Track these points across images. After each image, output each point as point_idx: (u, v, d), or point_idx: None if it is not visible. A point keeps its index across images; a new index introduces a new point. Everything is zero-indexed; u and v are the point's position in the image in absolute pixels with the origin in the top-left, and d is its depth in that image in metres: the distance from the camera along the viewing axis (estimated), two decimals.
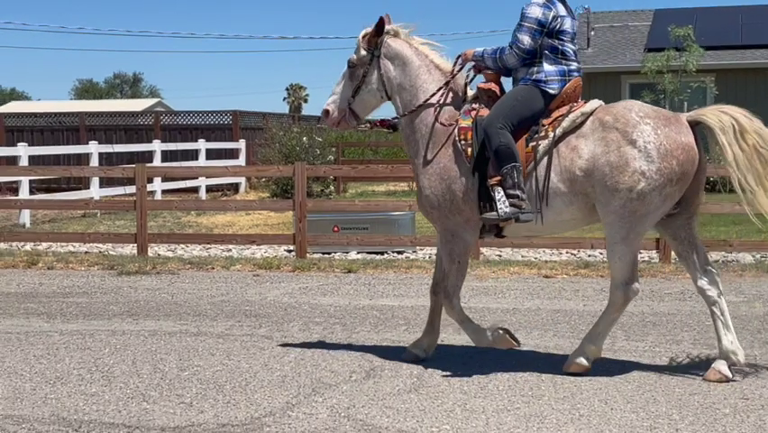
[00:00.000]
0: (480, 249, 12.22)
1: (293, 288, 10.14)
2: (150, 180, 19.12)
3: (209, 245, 13.88)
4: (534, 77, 6.24)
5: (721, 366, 5.93)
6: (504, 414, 5.30)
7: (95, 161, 21.05)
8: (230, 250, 13.65)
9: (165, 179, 21.96)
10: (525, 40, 6.19)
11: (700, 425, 5.10)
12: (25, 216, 17.53)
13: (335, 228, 13.22)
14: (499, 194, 6.02)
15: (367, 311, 8.64)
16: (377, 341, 7.27)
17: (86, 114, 28.51)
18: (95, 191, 20.02)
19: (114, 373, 6.28)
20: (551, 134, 6.09)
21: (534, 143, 6.12)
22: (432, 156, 6.40)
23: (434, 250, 12.98)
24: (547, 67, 6.24)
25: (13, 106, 54.60)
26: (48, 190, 22.10)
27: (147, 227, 12.98)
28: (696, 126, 6.04)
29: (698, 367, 6.26)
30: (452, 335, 7.48)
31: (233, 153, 25.80)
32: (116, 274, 11.24)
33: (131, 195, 15.93)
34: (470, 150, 6.22)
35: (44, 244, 14.15)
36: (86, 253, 13.35)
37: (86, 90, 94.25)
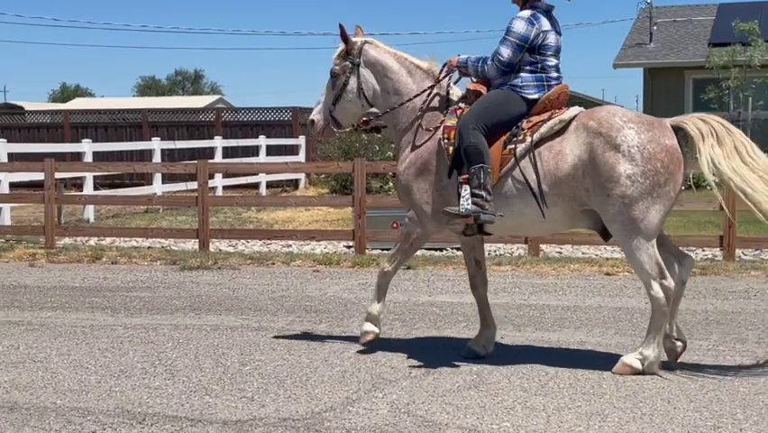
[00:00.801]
0: (540, 246, 12.15)
1: (352, 284, 10.17)
2: (211, 176, 19.34)
3: (269, 241, 13.98)
4: (511, 82, 6.43)
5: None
6: (565, 412, 5.27)
7: (157, 158, 21.34)
8: (290, 246, 13.74)
9: (226, 176, 22.17)
10: (507, 53, 6.38)
11: (765, 424, 5.03)
12: (89, 212, 17.82)
13: (394, 224, 13.22)
14: (465, 192, 6.21)
15: (426, 308, 8.64)
16: (437, 337, 7.27)
17: (149, 110, 28.87)
18: (157, 187, 20.27)
19: (177, 366, 6.36)
20: (529, 139, 6.24)
21: (513, 146, 6.27)
22: (414, 149, 6.65)
23: (493, 246, 12.94)
24: (525, 75, 6.41)
25: (77, 103, 55.47)
26: (111, 186, 22.43)
27: (208, 223, 13.12)
28: (679, 132, 6.13)
29: (762, 366, 6.17)
30: (512, 332, 7.46)
31: (292, 150, 25.95)
32: (178, 269, 11.37)
33: (192, 191, 16.10)
34: (451, 148, 6.42)
35: (108, 239, 14.38)
36: (148, 248, 13.54)
37: (149, 87, 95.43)
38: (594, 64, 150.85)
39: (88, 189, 18.42)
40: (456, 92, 6.75)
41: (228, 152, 24.15)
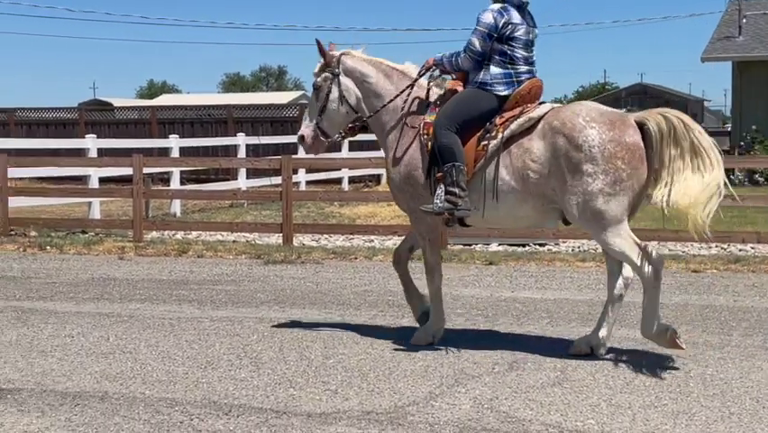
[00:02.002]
0: None
1: None
2: (295, 171, 19.51)
3: (352, 236, 14.06)
4: (480, 79, 6.65)
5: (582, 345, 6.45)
6: (651, 410, 5.20)
7: (242, 153, 21.62)
8: (372, 240, 13.79)
9: (309, 171, 22.35)
10: (477, 43, 6.60)
11: None
12: (176, 206, 18.14)
13: None
14: (440, 189, 6.48)
15: (509, 303, 8.61)
16: (519, 333, 7.23)
17: (234, 106, 29.22)
18: (242, 182, 20.54)
19: (262, 359, 6.44)
20: (500, 135, 6.44)
21: (486, 143, 6.49)
22: (400, 149, 6.89)
23: (577, 243, 12.81)
24: (494, 70, 6.62)
25: (164, 99, 56.45)
26: (197, 181, 22.78)
27: (292, 217, 13.25)
28: (644, 127, 6.24)
29: None
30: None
31: (374, 145, 26.02)
32: (263, 263, 11.51)
33: (276, 186, 16.27)
34: (430, 144, 6.65)
35: (194, 233, 14.61)
36: (233, 242, 13.72)
37: (233, 83, 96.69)
38: (681, 58, 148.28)
39: (175, 184, 18.75)
40: (436, 90, 6.95)
41: None
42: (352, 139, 26.60)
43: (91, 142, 17.45)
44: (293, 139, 23.47)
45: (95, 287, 9.77)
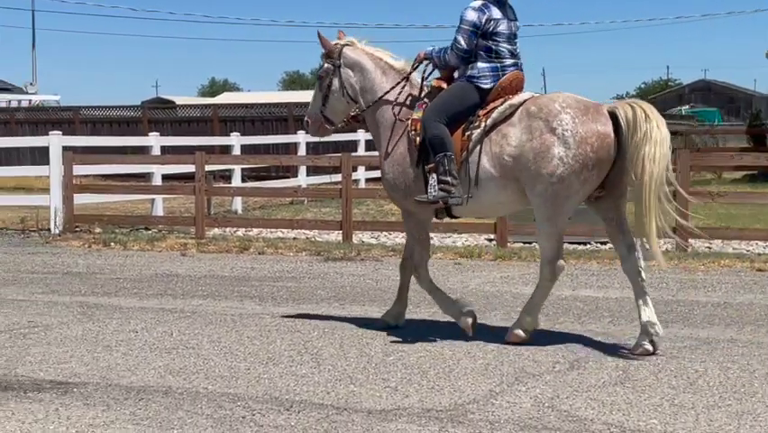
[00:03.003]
0: (689, 240, 11.84)
1: (494, 277, 10.15)
2: (354, 169, 19.55)
3: None
4: (468, 73, 6.90)
5: (645, 344, 6.37)
6: (714, 411, 5.13)
7: (302, 151, 21.74)
8: (431, 238, 13.76)
9: (369, 168, 22.37)
10: (463, 41, 6.87)
11: None
12: (237, 203, 18.32)
13: None
14: (432, 179, 6.73)
15: (570, 302, 8.55)
16: (580, 332, 7.18)
17: (294, 104, 29.39)
18: (302, 179, 20.66)
19: (323, 355, 6.48)
20: (483, 124, 6.72)
21: (470, 132, 6.77)
22: (391, 145, 7.15)
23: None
24: (480, 64, 6.87)
25: (225, 97, 56.92)
26: (258, 178, 22.95)
27: (352, 215, 13.30)
28: (615, 118, 6.47)
29: None
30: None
31: None
32: (323, 260, 11.57)
33: (336, 183, 16.35)
34: (418, 139, 6.91)
35: (255, 230, 14.74)
36: (294, 239, 13.81)
37: (293, 81, 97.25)
38: (746, 54, 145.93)
39: (236, 182, 18.92)
40: (425, 87, 7.18)
41: (371, 145, 24.35)
42: None
43: (154, 140, 17.68)
44: (353, 137, 23.68)
45: (158, 283, 9.91)
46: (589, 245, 12.62)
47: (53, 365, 6.23)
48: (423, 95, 7.12)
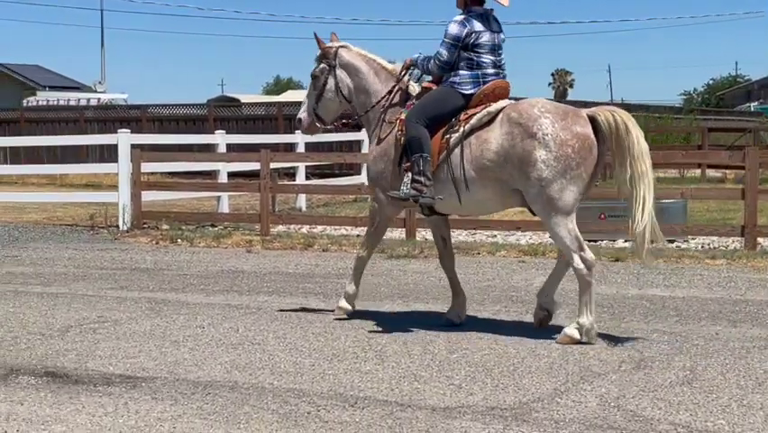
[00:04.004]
0: (758, 239, 11.65)
1: None
2: None
3: (475, 231, 14.01)
4: (451, 79, 7.20)
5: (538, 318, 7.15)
6: None
7: (365, 148, 21.77)
8: (495, 236, 13.73)
9: None
10: (444, 53, 7.18)
11: None
12: (302, 201, 18.43)
13: (602, 216, 13.01)
14: (407, 177, 7.05)
15: (636, 301, 8.47)
16: (647, 331, 7.11)
17: None
18: (365, 177, 20.68)
19: (387, 352, 6.50)
20: (461, 129, 7.01)
21: (449, 136, 7.05)
22: (379, 142, 7.49)
23: (707, 240, 12.51)
24: (462, 72, 7.16)
25: (290, 95, 57.21)
26: (321, 176, 23.08)
27: (415, 212, 13.27)
28: (595, 121, 6.72)
29: None
30: (726, 327, 7.21)
31: None
32: (386, 258, 11.60)
33: None
34: (403, 139, 7.19)
35: (319, 228, 14.82)
36: (357, 236, 13.84)
37: None
38: None
39: (300, 179, 19.05)
40: (415, 89, 7.52)
41: None
42: None
43: (220, 138, 17.87)
44: None
45: (224, 279, 10.02)
46: (654, 244, 12.45)
47: (122, 360, 6.35)
48: (413, 96, 7.44)
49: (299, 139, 19.98)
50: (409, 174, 7.04)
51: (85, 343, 6.88)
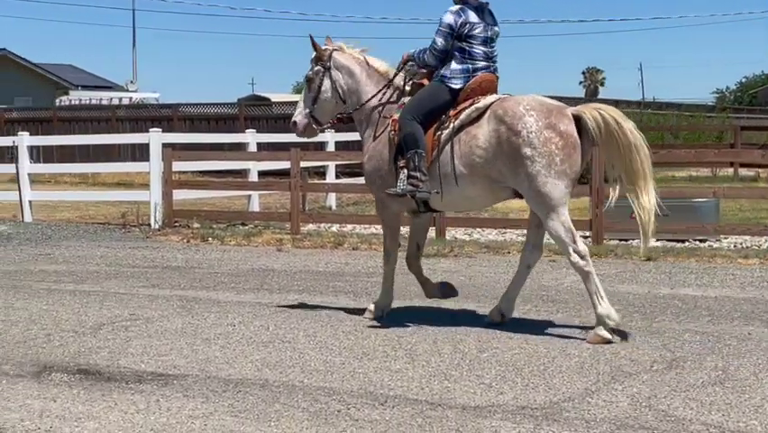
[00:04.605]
0: None
1: None
2: None
3: (504, 230, 13.99)
4: (441, 73, 7.28)
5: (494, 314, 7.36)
6: None
7: None
8: (525, 235, 13.66)
9: None
10: (439, 42, 7.25)
11: None
12: (332, 199, 18.47)
13: (633, 215, 12.89)
14: (403, 174, 7.19)
15: (668, 300, 8.41)
16: (678, 331, 7.06)
17: None
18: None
19: (417, 351, 6.50)
20: (451, 125, 7.12)
21: (440, 132, 7.18)
22: (373, 141, 7.64)
23: (740, 239, 12.41)
24: (454, 65, 7.24)
25: None
26: (351, 174, 23.08)
27: (445, 212, 13.26)
28: (580, 120, 6.84)
29: None
30: (759, 327, 7.15)
31: None
32: None
33: None
34: (396, 138, 7.32)
35: (349, 226, 14.85)
36: None
37: None
38: None
39: (330, 178, 19.08)
40: (407, 89, 7.60)
41: None
42: None
43: (251, 137, 17.94)
44: None
45: (255, 277, 10.06)
46: (687, 243, 12.40)
47: (154, 357, 6.39)
48: (405, 93, 7.58)
49: (329, 138, 20.01)
50: (405, 171, 7.17)
51: (117, 340, 6.94)
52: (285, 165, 15.02)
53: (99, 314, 7.98)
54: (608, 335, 6.62)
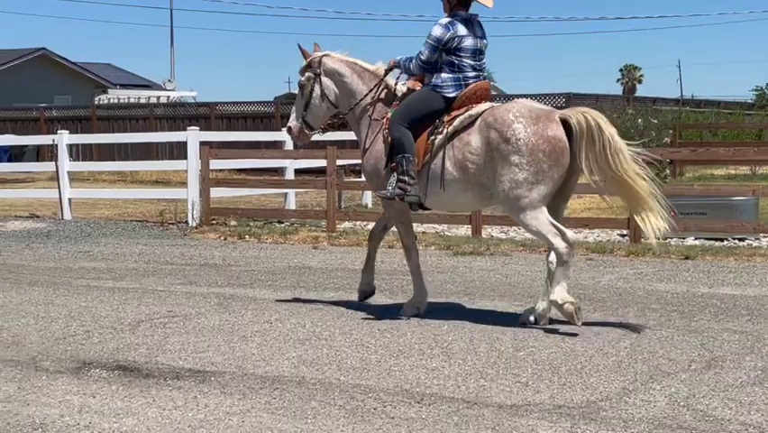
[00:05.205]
0: None
1: (627, 273, 9.98)
2: None
3: None
4: (433, 82, 7.47)
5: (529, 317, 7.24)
6: None
7: None
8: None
9: None
10: (426, 53, 7.41)
11: None
12: (367, 197, 18.46)
13: (672, 213, 12.80)
14: (393, 177, 7.39)
15: (706, 299, 8.34)
16: (717, 330, 7.00)
17: None
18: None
19: (453, 349, 6.50)
20: (445, 131, 7.31)
21: (434, 137, 7.36)
22: (369, 141, 7.81)
23: None
24: (444, 75, 7.42)
25: None
26: None
27: (481, 210, 13.24)
28: (567, 123, 7.00)
29: None
30: None
31: None
32: (452, 254, 11.59)
33: None
34: (389, 138, 7.49)
35: None
36: (423, 233, 13.84)
37: None
38: None
39: None
40: (401, 89, 7.79)
41: None
42: None
43: (287, 135, 17.97)
44: None
45: (291, 275, 10.10)
46: (726, 242, 12.28)
47: (191, 354, 6.44)
48: (398, 96, 7.73)
49: None
50: (394, 174, 7.37)
51: (155, 337, 6.99)
52: (321, 163, 15.05)
53: (137, 311, 8.05)
54: (569, 309, 6.86)
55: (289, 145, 17.74)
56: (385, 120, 7.62)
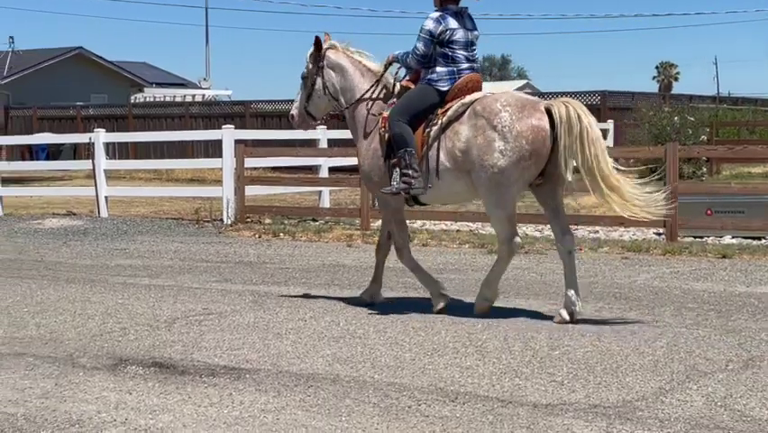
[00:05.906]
0: None
1: (663, 272, 9.90)
2: None
3: (575, 227, 13.81)
4: (428, 77, 7.63)
5: (563, 312, 7.24)
6: None
7: None
8: (597, 232, 13.57)
9: None
10: (420, 47, 7.58)
11: None
12: None
13: (708, 211, 12.72)
14: (396, 173, 7.50)
15: (744, 299, 8.26)
16: (755, 330, 6.93)
17: None
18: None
19: (487, 347, 6.48)
20: (440, 122, 7.46)
21: (429, 129, 7.51)
22: (366, 140, 7.95)
23: None
24: (439, 69, 7.58)
25: None
26: None
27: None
28: (551, 113, 7.15)
29: None
30: None
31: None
32: (486, 252, 11.55)
33: None
34: (387, 135, 7.62)
35: (418, 222, 14.82)
36: (457, 231, 13.84)
37: None
38: None
39: None
40: (396, 88, 7.90)
41: None
42: None
43: (321, 133, 18.01)
44: None
45: (325, 273, 10.12)
46: (764, 240, 12.15)
47: (227, 351, 6.47)
48: (394, 94, 7.87)
49: None
50: (397, 169, 7.47)
51: (190, 334, 7.03)
52: (355, 161, 15.04)
53: (173, 308, 8.10)
54: (486, 306, 7.47)
55: (324, 143, 17.79)
56: (381, 118, 7.73)
